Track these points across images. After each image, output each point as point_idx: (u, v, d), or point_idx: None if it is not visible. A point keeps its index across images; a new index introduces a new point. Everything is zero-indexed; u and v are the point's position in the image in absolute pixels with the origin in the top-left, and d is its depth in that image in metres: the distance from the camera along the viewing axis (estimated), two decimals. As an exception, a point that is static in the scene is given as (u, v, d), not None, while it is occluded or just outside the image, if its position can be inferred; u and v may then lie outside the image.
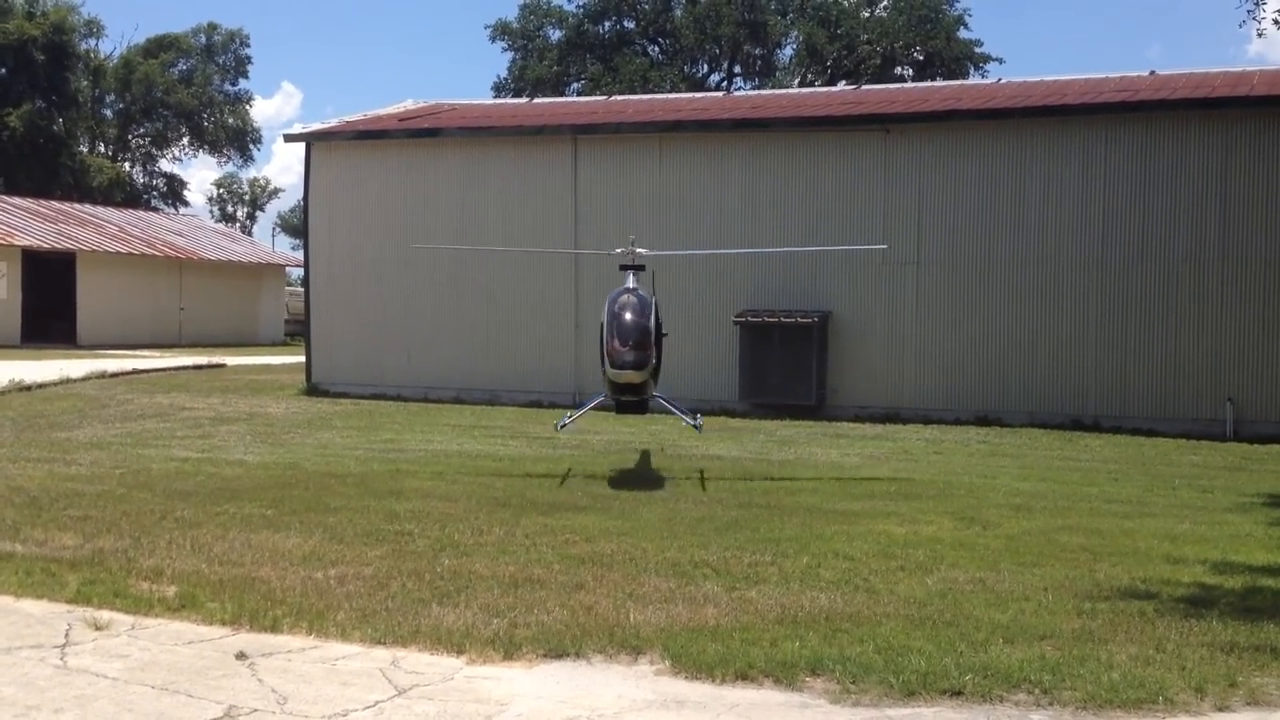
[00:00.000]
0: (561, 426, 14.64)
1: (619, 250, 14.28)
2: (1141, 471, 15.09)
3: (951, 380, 21.33)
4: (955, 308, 21.39)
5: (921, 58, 62.43)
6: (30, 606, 7.35)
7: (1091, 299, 20.68)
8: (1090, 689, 6.05)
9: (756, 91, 51.22)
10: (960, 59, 61.84)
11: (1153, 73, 24.93)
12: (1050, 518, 11.18)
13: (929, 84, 37.44)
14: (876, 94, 27.18)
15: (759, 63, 68.61)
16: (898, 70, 61.94)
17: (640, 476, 13.54)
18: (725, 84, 65.97)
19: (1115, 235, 20.60)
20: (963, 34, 62.99)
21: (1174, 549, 9.73)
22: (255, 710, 5.65)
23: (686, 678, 6.28)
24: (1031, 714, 5.81)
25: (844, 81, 56.76)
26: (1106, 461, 16.10)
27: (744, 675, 6.26)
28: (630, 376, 12.77)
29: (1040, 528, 10.61)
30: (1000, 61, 65.71)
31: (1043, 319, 20.91)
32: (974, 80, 50.46)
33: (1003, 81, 27.49)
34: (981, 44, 63.87)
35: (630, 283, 13.60)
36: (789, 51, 68.50)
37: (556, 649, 6.64)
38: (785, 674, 6.25)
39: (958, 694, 6.01)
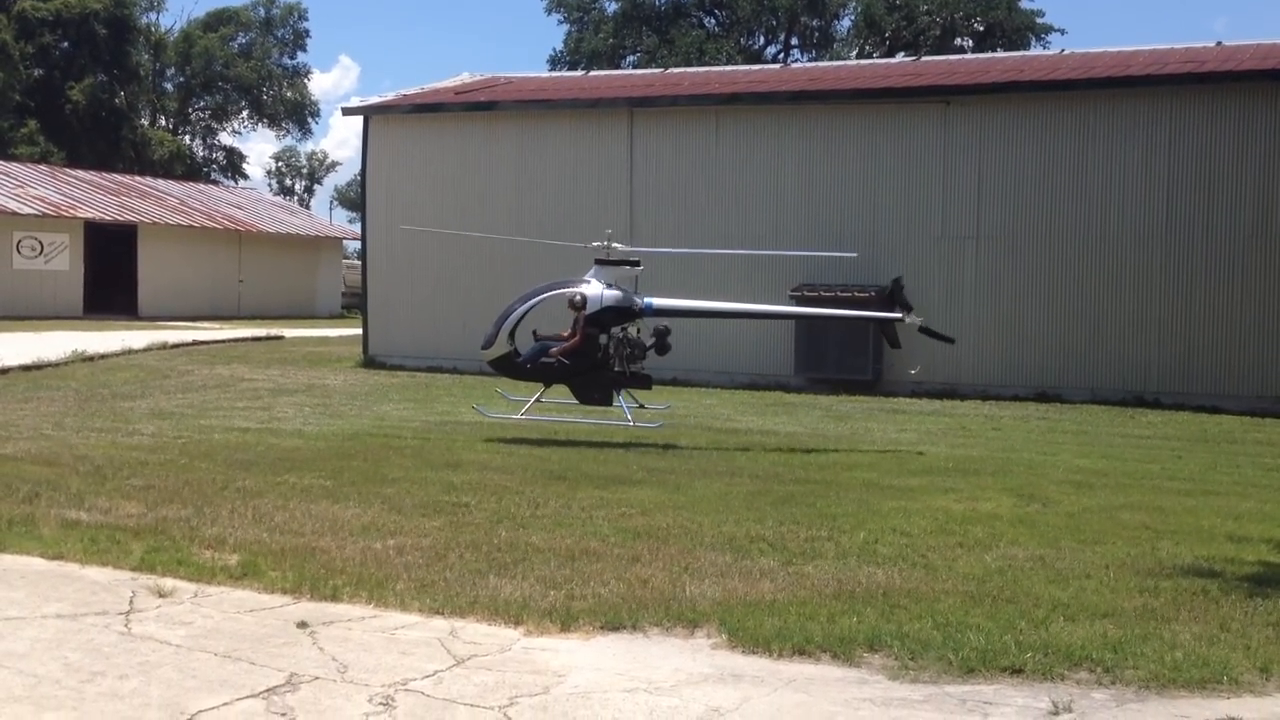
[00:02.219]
0: (522, 414, 14.88)
1: (595, 244, 14.84)
2: (1204, 449, 14.88)
3: (1010, 356, 21.11)
4: (1015, 283, 21.14)
5: (982, 29, 61.64)
6: (95, 574, 7.47)
7: (1154, 274, 20.37)
8: (1153, 668, 5.98)
9: (814, 64, 50.75)
10: (1022, 30, 61.01)
11: (1219, 44, 24.43)
12: (1111, 495, 11.05)
13: (990, 55, 36.94)
14: (936, 66, 26.86)
15: (817, 35, 68.09)
16: (958, 41, 61.25)
17: (694, 450, 13.53)
18: (782, 56, 65.50)
19: (1180, 209, 20.25)
20: (1024, 4, 62.16)
21: (1238, 527, 9.58)
22: (316, 678, 5.70)
23: (743, 652, 6.27)
24: (1093, 692, 5.75)
25: (903, 53, 56.15)
26: (1168, 439, 15.88)
27: (801, 650, 6.24)
28: (483, 354, 14.98)
29: (1101, 505, 10.49)
30: (1063, 32, 64.86)
31: (1105, 294, 20.62)
32: (1036, 51, 49.70)
33: (1066, 53, 27.04)
34: (1043, 14, 63.13)
35: (593, 277, 14.51)
36: (847, 23, 67.97)
37: (613, 621, 6.66)
38: (843, 649, 6.23)
39: (1018, 671, 5.96)
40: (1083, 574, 7.86)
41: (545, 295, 14.90)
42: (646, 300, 14.72)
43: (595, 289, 14.45)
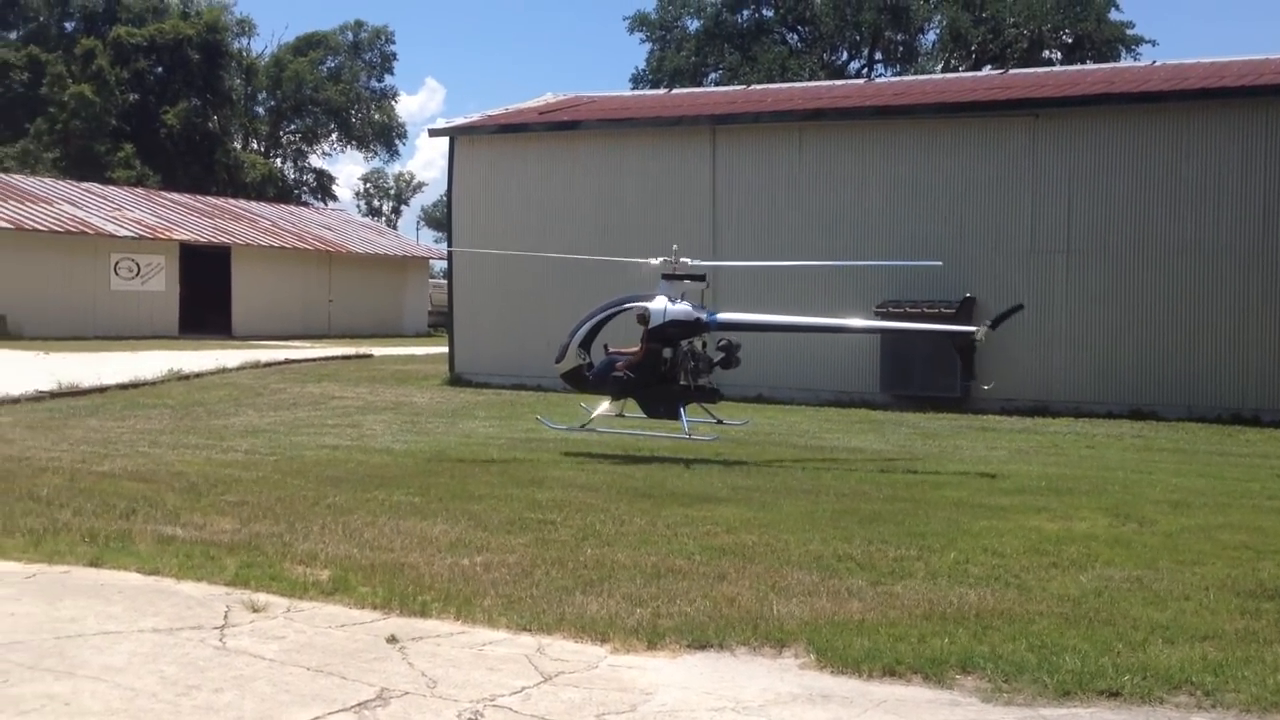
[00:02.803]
0: (583, 426, 15.23)
1: (659, 260, 14.91)
2: (1306, 467, 14.46)
3: (1104, 372, 20.72)
4: (1107, 297, 20.76)
5: (1070, 40, 60.81)
6: (190, 589, 7.60)
7: (1253, 288, 19.88)
8: (1255, 691, 5.81)
9: (899, 78, 50.39)
10: (1111, 41, 60.07)
11: (1318, 52, 23.85)
12: (1210, 514, 10.78)
13: (1079, 67, 36.40)
14: (1024, 78, 26.52)
15: (901, 49, 67.60)
16: (1045, 54, 60.41)
17: (779, 467, 13.44)
18: (866, 71, 65.13)
19: (1277, 221, 19.75)
20: (1114, 16, 61.17)
21: (1343, 548, 9.29)
22: (406, 693, 5.74)
23: (832, 672, 6.20)
24: (1193, 716, 5.60)
25: (989, 66, 55.56)
26: (1268, 457, 15.46)
27: (891, 671, 6.16)
28: (556, 368, 15.23)
29: (1200, 525, 10.23)
30: (1153, 44, 63.64)
31: (1201, 309, 20.17)
32: (1126, 63, 48.92)
33: (1157, 64, 26.59)
34: (1133, 25, 62.13)
35: (661, 292, 14.62)
36: (932, 37, 67.40)
37: (700, 640, 6.62)
38: (934, 670, 6.13)
39: (1115, 694, 5.82)
40: (1181, 595, 7.67)
41: (614, 310, 15.10)
42: (712, 314, 14.72)
43: (659, 303, 14.57)
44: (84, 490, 10.80)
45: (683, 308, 14.54)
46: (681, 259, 14.85)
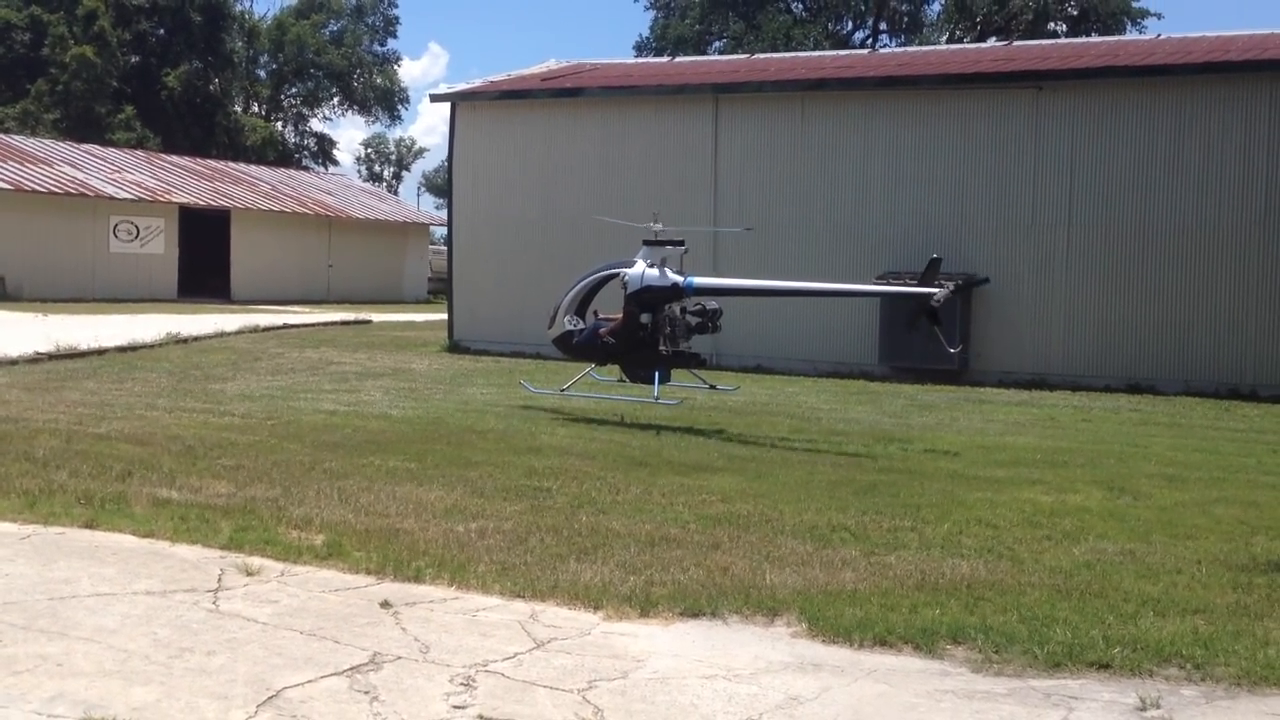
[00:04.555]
0: (562, 391, 15.50)
1: (659, 225, 14.99)
2: (1303, 443, 14.47)
3: (1102, 346, 20.72)
4: (1108, 271, 20.73)
5: (1076, 13, 60.42)
6: (185, 551, 7.62)
7: (1252, 263, 19.86)
8: (1245, 665, 5.84)
9: (903, 49, 50.08)
10: (1116, 14, 59.68)
11: (1324, 26, 23.72)
12: (1205, 489, 10.80)
13: (1083, 40, 36.24)
14: (1028, 50, 26.39)
15: (905, 19, 67.18)
16: (1050, 26, 60.04)
17: (776, 438, 13.46)
18: (870, 41, 64.76)
19: (1279, 198, 19.69)
20: (1119, -12, 60.71)
21: (1337, 525, 9.31)
22: (399, 657, 5.76)
23: (823, 641, 6.22)
24: (1182, 689, 5.62)
25: (994, 38, 55.26)
26: (1264, 432, 15.48)
27: (882, 640, 6.18)
28: (548, 334, 15.61)
29: (1194, 499, 10.25)
30: (1159, 17, 63.24)
31: (1200, 284, 20.14)
32: (1131, 36, 48.65)
33: (1162, 37, 26.42)
34: (1139, -2, 61.54)
35: (641, 258, 14.68)
36: (936, 7, 66.94)
37: (692, 608, 6.64)
38: (925, 641, 6.16)
39: (1105, 667, 5.84)
40: (1174, 569, 7.69)
41: (597, 276, 15.25)
42: (689, 279, 14.69)
43: (637, 269, 14.64)
44: (80, 452, 10.80)
45: (659, 273, 14.54)
46: (659, 224, 14.92)
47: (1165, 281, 20.37)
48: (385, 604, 6.59)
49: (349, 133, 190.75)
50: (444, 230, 35.43)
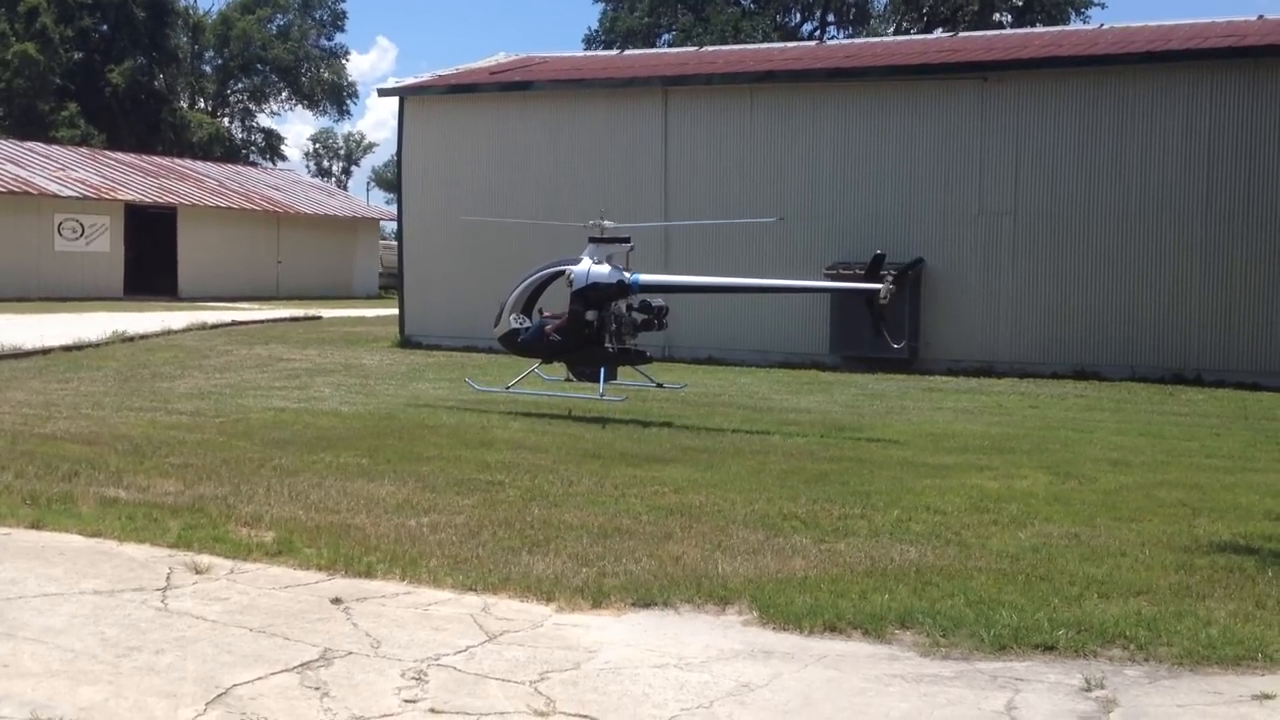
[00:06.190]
0: (508, 388, 15.47)
1: (589, 223, 15.04)
2: (1244, 426, 14.72)
3: (1049, 333, 20.94)
4: (1053, 260, 20.95)
5: (1020, 3, 60.98)
6: (133, 550, 7.56)
7: (1195, 251, 20.13)
8: (1187, 645, 5.94)
9: (850, 40, 50.36)
10: (1061, 4, 60.29)
11: (1261, 17, 24.02)
12: (1148, 472, 10.96)
13: (1028, 30, 36.60)
14: (974, 41, 26.60)
15: (853, 11, 67.56)
16: (996, 17, 60.56)
17: (727, 429, 13.51)
18: (818, 33, 65.02)
19: (1221, 185, 19.98)
20: (1064, -21, 61.29)
21: (1276, 505, 9.47)
22: (350, 653, 5.75)
23: (774, 628, 6.27)
24: (1126, 669, 5.72)
25: (940, 29, 55.64)
26: (1208, 416, 15.73)
27: (832, 627, 6.24)
28: (494, 332, 15.52)
29: (1138, 482, 10.41)
30: (1102, 7, 63.72)
31: (1144, 271, 20.40)
32: (1075, 26, 49.15)
33: (1105, 27, 26.73)
34: (1082, -12, 62.13)
35: (586, 255, 14.67)
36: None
37: (644, 598, 6.67)
38: (874, 626, 6.22)
39: (1050, 648, 5.93)
40: (1118, 551, 7.81)
41: (543, 274, 15.18)
42: (634, 276, 14.72)
43: (583, 266, 14.61)
44: (26, 452, 10.68)
45: (604, 269, 14.55)
46: (605, 222, 14.94)
47: (1110, 269, 20.62)
48: (336, 600, 6.58)
49: (297, 128, 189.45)
50: (394, 225, 35.26)
